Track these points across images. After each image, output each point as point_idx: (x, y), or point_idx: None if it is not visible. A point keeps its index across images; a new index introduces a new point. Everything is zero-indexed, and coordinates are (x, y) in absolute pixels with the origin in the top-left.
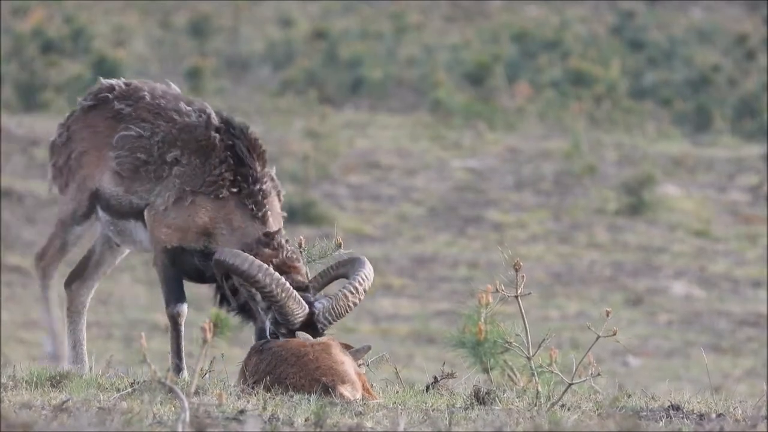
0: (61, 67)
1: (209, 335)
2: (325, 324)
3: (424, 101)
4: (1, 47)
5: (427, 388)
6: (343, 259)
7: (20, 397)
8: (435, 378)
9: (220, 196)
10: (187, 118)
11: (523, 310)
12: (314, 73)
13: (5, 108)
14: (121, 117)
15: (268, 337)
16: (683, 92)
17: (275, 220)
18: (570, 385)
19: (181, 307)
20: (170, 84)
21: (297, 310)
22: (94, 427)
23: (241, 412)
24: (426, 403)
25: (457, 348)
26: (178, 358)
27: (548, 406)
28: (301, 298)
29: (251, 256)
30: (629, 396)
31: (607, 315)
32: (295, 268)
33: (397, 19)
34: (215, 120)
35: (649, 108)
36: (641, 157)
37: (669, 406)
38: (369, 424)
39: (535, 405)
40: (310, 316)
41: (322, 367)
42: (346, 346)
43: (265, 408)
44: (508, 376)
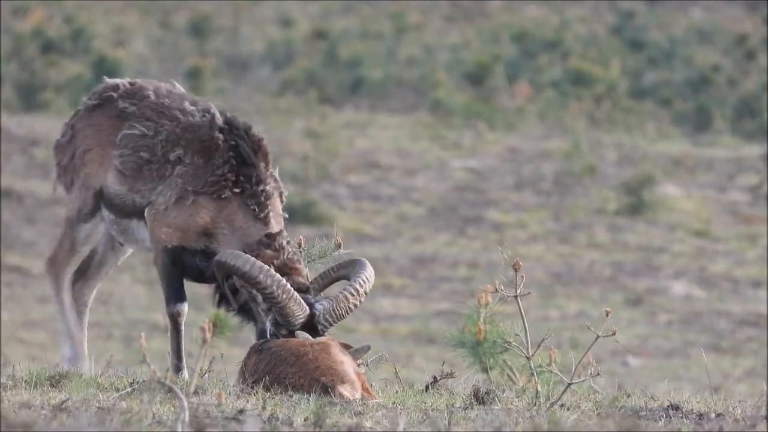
0: (61, 67)
1: (209, 335)
2: (325, 325)
3: (424, 101)
4: (1, 47)
5: (427, 387)
6: (344, 261)
7: (20, 396)
8: (434, 378)
9: (223, 197)
10: (191, 118)
11: (523, 310)
12: (314, 73)
13: (5, 108)
14: (126, 116)
15: (269, 338)
16: (683, 92)
17: (277, 221)
18: (569, 384)
19: (182, 306)
20: (175, 84)
21: (298, 312)
22: (94, 427)
23: (241, 411)
24: (425, 403)
25: (457, 348)
26: (178, 357)
27: (548, 405)
28: (302, 300)
29: (252, 258)
30: (629, 396)
31: (607, 315)
32: (296, 270)
33: (397, 19)
34: (219, 120)
35: (649, 108)
36: (641, 157)
37: (668, 406)
38: (368, 424)
39: (535, 405)
40: (311, 318)
41: (321, 367)
42: (346, 346)
43: (264, 408)
44: (508, 375)
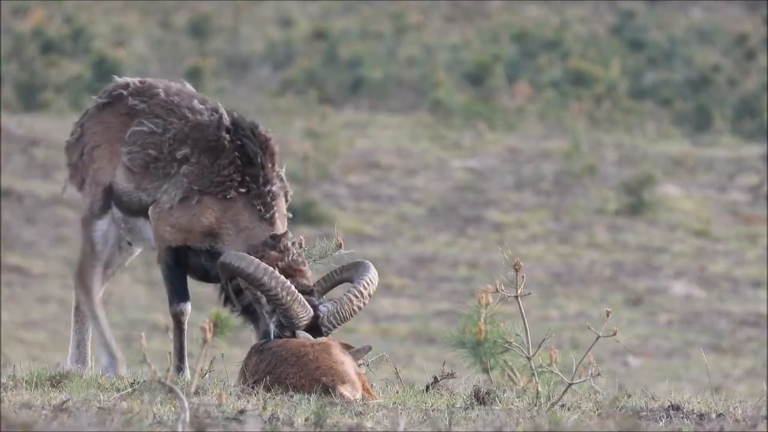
0: (61, 67)
1: (209, 335)
2: (329, 327)
3: (424, 101)
4: (1, 47)
5: (427, 388)
6: (347, 264)
7: (20, 397)
8: (435, 378)
9: (228, 197)
10: (199, 117)
11: (523, 310)
12: (314, 73)
13: (5, 108)
14: (135, 113)
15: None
16: (683, 92)
17: (282, 222)
18: (570, 385)
19: (185, 306)
20: (185, 83)
21: (302, 314)
22: (94, 427)
23: (241, 412)
24: (426, 403)
25: (457, 348)
26: (180, 358)
27: (548, 406)
28: (306, 302)
29: (257, 259)
30: (629, 396)
31: (607, 315)
32: (301, 272)
33: (397, 19)
34: (226, 120)
35: (649, 108)
36: (641, 157)
37: (669, 406)
38: (369, 424)
39: (535, 405)
40: (315, 320)
41: (322, 367)
42: (347, 346)
43: (265, 408)
44: (508, 376)
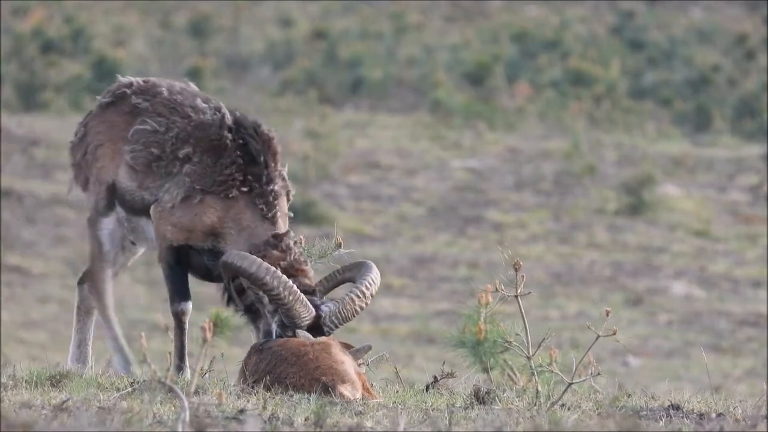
0: (61, 67)
1: (209, 335)
2: (331, 327)
3: (424, 101)
4: (1, 47)
5: (427, 387)
6: (350, 264)
7: (20, 396)
8: (435, 378)
9: (230, 196)
10: (202, 116)
11: (523, 310)
12: (314, 73)
13: (5, 108)
14: (138, 111)
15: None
16: (683, 92)
17: (284, 222)
18: (570, 384)
19: (186, 305)
20: (189, 83)
21: (304, 314)
22: (94, 427)
23: (241, 411)
24: (426, 403)
25: (457, 348)
26: (180, 357)
27: (548, 405)
28: (308, 302)
29: (259, 259)
30: (629, 396)
31: (607, 315)
32: (303, 271)
33: (397, 19)
34: (228, 119)
35: (649, 108)
36: (641, 157)
37: (669, 406)
38: (369, 424)
39: (535, 405)
40: (317, 320)
41: (322, 367)
42: (347, 346)
43: (265, 407)
44: (508, 375)
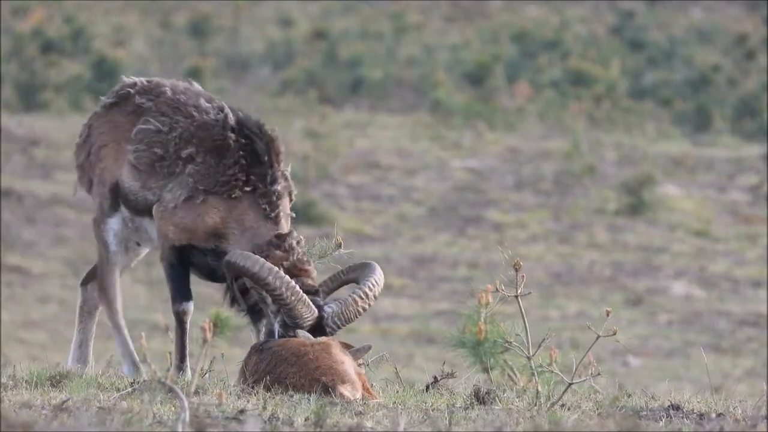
0: (61, 67)
1: (209, 335)
2: (333, 328)
3: (424, 101)
4: (1, 47)
5: (427, 387)
6: (353, 264)
7: (20, 396)
8: (435, 378)
9: (233, 196)
10: (205, 116)
11: (523, 310)
12: (314, 73)
13: (5, 108)
14: (142, 111)
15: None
16: (683, 92)
17: (287, 222)
18: (570, 384)
19: (187, 305)
20: (192, 82)
21: (306, 314)
22: (94, 427)
23: (241, 411)
24: (426, 403)
25: (457, 348)
26: (181, 357)
27: (548, 405)
28: (311, 302)
29: (262, 259)
30: (629, 396)
31: (607, 315)
32: (306, 272)
33: (397, 19)
34: (231, 119)
35: (649, 108)
36: (641, 157)
37: (669, 406)
38: (369, 424)
39: (535, 405)
40: (320, 320)
41: (322, 367)
42: (347, 346)
43: (265, 408)
44: (508, 375)
